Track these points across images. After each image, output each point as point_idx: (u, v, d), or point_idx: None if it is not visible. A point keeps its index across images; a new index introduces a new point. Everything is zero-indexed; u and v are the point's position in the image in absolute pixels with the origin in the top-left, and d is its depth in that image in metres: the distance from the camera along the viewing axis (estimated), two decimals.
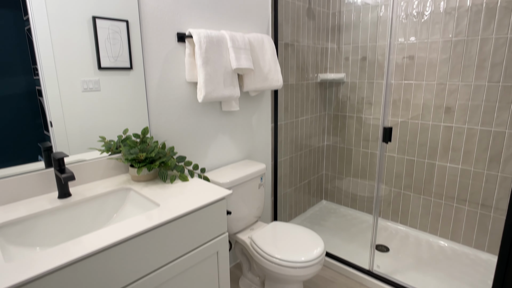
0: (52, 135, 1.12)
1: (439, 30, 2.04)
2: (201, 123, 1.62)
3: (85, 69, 1.17)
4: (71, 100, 1.15)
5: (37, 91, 1.07)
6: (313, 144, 2.67)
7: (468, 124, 2.03)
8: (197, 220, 1.01)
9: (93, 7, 1.15)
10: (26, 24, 1.02)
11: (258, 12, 1.85)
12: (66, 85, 1.12)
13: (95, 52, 1.19)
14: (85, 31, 1.15)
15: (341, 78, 2.56)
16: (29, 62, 1.04)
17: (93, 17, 1.16)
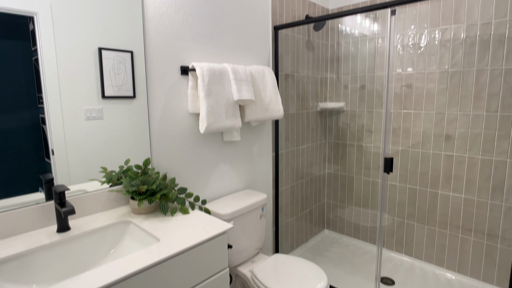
0: (53, 163, 1.12)
1: (435, 61, 2.10)
2: (202, 153, 1.63)
3: (89, 97, 1.19)
4: (74, 128, 1.16)
5: (41, 119, 1.09)
6: (314, 173, 2.66)
7: (469, 153, 2.03)
8: (197, 256, 0.99)
9: (100, 38, 1.20)
10: (34, 55, 1.05)
11: (259, 45, 1.92)
12: (70, 114, 1.14)
13: (100, 81, 1.22)
14: (91, 61, 1.18)
15: (341, 107, 2.60)
16: (34, 91, 1.06)
17: (99, 48, 1.21)
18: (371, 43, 2.40)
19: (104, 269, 0.81)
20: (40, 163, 1.10)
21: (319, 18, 1.75)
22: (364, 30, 2.43)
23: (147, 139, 1.38)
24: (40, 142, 1.09)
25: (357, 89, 2.53)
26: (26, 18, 1.02)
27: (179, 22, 1.44)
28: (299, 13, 2.24)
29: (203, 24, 1.55)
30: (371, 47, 2.41)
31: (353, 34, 2.50)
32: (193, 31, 1.51)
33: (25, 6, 1.01)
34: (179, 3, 1.43)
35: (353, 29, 2.49)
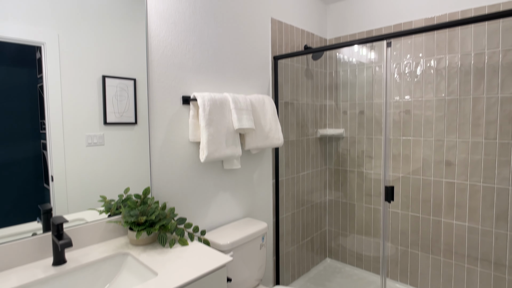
0: (52, 190, 1.12)
1: (432, 89, 2.14)
2: (202, 182, 1.62)
3: (91, 124, 1.20)
4: (75, 155, 1.16)
5: (42, 145, 1.10)
6: (315, 200, 2.63)
7: (470, 180, 2.02)
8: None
9: (104, 66, 1.23)
10: (39, 82, 1.08)
11: (259, 74, 1.96)
12: (71, 140, 1.15)
13: (102, 108, 1.24)
14: (94, 88, 1.21)
15: (340, 133, 2.62)
16: (37, 117, 1.08)
17: (103, 76, 1.24)
18: (369, 70, 2.46)
19: None
20: (39, 189, 1.09)
21: (317, 49, 1.81)
22: (361, 58, 2.50)
23: (147, 166, 1.38)
24: (41, 168, 1.09)
25: (356, 116, 2.56)
26: (34, 48, 1.06)
27: (181, 53, 1.49)
28: (298, 43, 2.31)
29: (205, 55, 1.60)
30: (368, 74, 2.47)
31: (350, 62, 2.56)
32: (195, 62, 1.56)
33: (35, 36, 1.06)
34: (182, 35, 1.48)
35: (350, 57, 2.56)
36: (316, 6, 2.51)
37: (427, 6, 2.13)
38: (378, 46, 2.41)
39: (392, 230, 2.40)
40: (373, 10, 2.40)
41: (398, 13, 2.27)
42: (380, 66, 2.40)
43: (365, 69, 2.48)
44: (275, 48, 2.10)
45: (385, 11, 2.34)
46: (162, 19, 1.40)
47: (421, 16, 2.16)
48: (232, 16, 1.75)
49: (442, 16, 2.07)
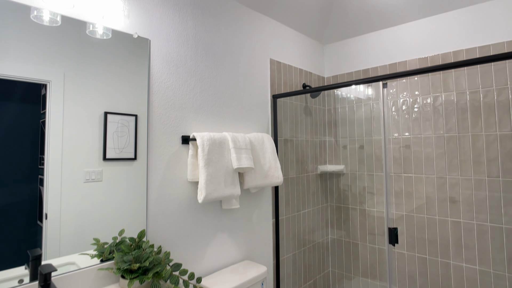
0: (44, 228, 1.08)
1: (430, 126, 2.15)
2: (200, 223, 1.57)
3: (90, 160, 1.19)
4: (72, 191, 1.14)
5: (39, 180, 1.07)
6: (317, 239, 2.54)
7: (476, 220, 1.96)
8: None
9: (106, 103, 1.24)
10: (42, 117, 1.09)
11: (259, 113, 1.98)
12: (69, 175, 1.13)
13: (102, 144, 1.23)
14: (96, 124, 1.21)
15: (341, 170, 2.59)
16: (37, 152, 1.07)
17: (105, 112, 1.24)
18: (366, 107, 2.49)
19: None
20: (32, 227, 1.06)
21: (315, 89, 1.84)
22: (359, 95, 2.54)
23: (144, 205, 1.35)
24: (36, 204, 1.07)
25: (356, 152, 2.55)
26: (40, 85, 1.08)
27: (182, 94, 1.51)
28: (296, 82, 2.37)
29: (205, 95, 1.62)
30: (366, 111, 2.50)
31: (348, 99, 2.61)
32: (196, 102, 1.58)
33: (42, 75, 1.09)
34: (183, 77, 1.52)
35: (348, 94, 2.61)
36: (313, 46, 2.60)
37: (420, 47, 2.21)
38: (374, 84, 2.47)
39: (398, 273, 2.29)
40: (368, 50, 2.49)
41: (392, 53, 2.35)
42: (378, 103, 2.44)
43: (362, 105, 2.52)
44: (274, 87, 2.14)
45: (379, 51, 2.42)
46: (164, 62, 1.44)
47: (415, 56, 2.23)
48: (232, 57, 1.80)
49: (435, 57, 2.14)
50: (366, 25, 2.44)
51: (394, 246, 1.84)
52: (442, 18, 2.13)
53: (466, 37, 2.02)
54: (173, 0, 1.49)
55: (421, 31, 2.21)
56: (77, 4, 1.18)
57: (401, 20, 2.29)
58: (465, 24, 2.03)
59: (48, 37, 1.10)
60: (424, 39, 2.20)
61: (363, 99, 2.52)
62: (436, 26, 2.15)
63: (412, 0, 2.13)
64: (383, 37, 2.41)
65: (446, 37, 2.10)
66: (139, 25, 1.35)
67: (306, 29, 2.45)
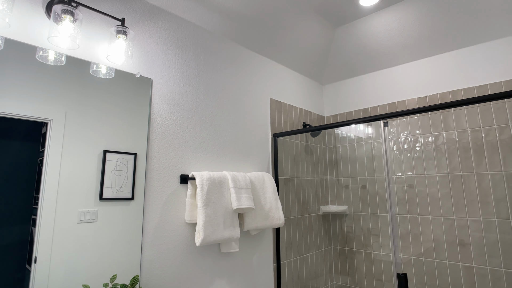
0: (32, 273, 1.00)
1: (434, 165, 2.12)
2: (197, 268, 1.48)
3: (86, 200, 1.14)
4: (64, 232, 1.08)
5: (32, 220, 1.01)
6: (321, 286, 2.39)
7: (489, 264, 1.85)
8: None
9: (106, 142, 1.22)
10: (40, 155, 1.05)
11: (259, 151, 1.96)
12: (63, 216, 1.08)
13: (100, 183, 1.19)
14: (94, 163, 1.18)
15: (344, 210, 2.51)
16: (32, 191, 1.03)
17: (104, 151, 1.21)
18: (367, 145, 2.48)
19: None
20: (19, 272, 0.98)
21: (315, 128, 1.84)
22: (359, 134, 2.54)
23: (138, 249, 1.27)
24: (26, 247, 1.00)
25: (359, 192, 2.49)
26: (41, 124, 1.07)
27: (183, 133, 1.50)
28: (296, 121, 2.38)
29: (205, 134, 1.61)
30: (367, 149, 2.48)
31: (349, 137, 2.60)
32: (196, 141, 1.56)
33: (44, 114, 1.08)
34: (184, 116, 1.52)
35: (348, 133, 2.61)
36: (312, 86, 2.66)
37: (418, 87, 2.25)
38: (375, 123, 2.48)
39: None
40: (367, 90, 2.54)
41: (391, 93, 2.39)
42: (378, 141, 2.43)
43: (363, 144, 2.51)
44: (275, 126, 2.14)
45: (378, 91, 2.46)
46: (165, 101, 1.44)
47: (414, 96, 2.26)
48: (233, 96, 1.82)
49: (434, 96, 2.17)
50: (364, 66, 2.51)
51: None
52: (439, 59, 2.19)
53: (464, 77, 2.06)
54: (176, 41, 1.53)
55: (419, 72, 2.27)
56: (82, 45, 1.20)
57: (399, 61, 2.36)
58: (463, 65, 2.08)
59: (52, 76, 1.11)
60: (422, 79, 2.25)
61: (364, 138, 2.51)
62: (434, 66, 2.21)
63: (409, 42, 2.21)
64: (381, 77, 2.46)
65: (444, 77, 2.15)
66: (142, 65, 1.38)
67: (305, 70, 2.52)
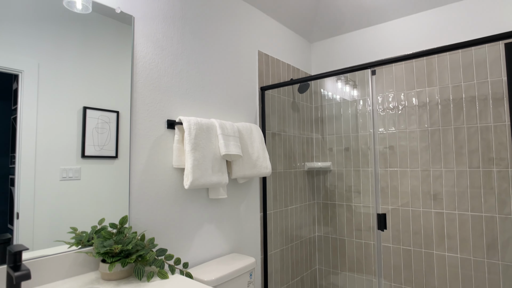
0: (16, 229, 0.98)
1: (415, 121, 2.19)
2: (186, 212, 1.51)
3: (67, 157, 1.11)
4: (46, 190, 1.05)
5: (10, 180, 0.99)
6: (305, 235, 2.52)
7: (458, 210, 2.00)
8: None
9: (85, 98, 1.17)
10: (13, 114, 1.00)
11: (246, 104, 1.96)
12: (43, 173, 1.05)
13: (81, 141, 1.15)
14: (74, 120, 1.13)
15: (328, 167, 2.59)
16: (8, 150, 0.98)
17: (84, 107, 1.17)
18: (353, 106, 2.52)
19: None
20: (2, 231, 0.96)
21: (303, 79, 1.84)
22: (345, 96, 2.57)
23: (126, 197, 1.27)
24: (6, 207, 0.97)
25: (343, 149, 2.56)
26: (10, 77, 0.99)
27: (168, 77, 1.47)
28: (284, 77, 2.37)
29: (192, 81, 1.58)
30: (352, 109, 2.52)
31: (335, 100, 2.63)
32: (182, 86, 1.53)
33: (12, 64, 1.00)
34: (169, 59, 1.47)
35: (335, 94, 2.63)
36: (301, 43, 2.62)
37: (405, 44, 2.26)
38: (361, 82, 2.50)
39: (384, 266, 2.29)
40: (354, 48, 2.53)
41: (378, 52, 2.40)
42: (364, 100, 2.47)
43: (349, 104, 2.54)
44: (262, 79, 2.13)
45: (366, 49, 2.46)
46: (149, 42, 1.39)
47: (401, 53, 2.28)
48: (220, 44, 1.77)
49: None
50: (352, 23, 2.48)
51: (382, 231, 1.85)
52: (426, 15, 2.19)
53: (450, 33, 2.08)
54: None
55: (407, 29, 2.27)
56: None
57: (387, 17, 2.34)
58: (449, 21, 2.09)
59: (17, 17, 1.01)
60: (409, 36, 2.25)
61: (349, 100, 2.54)
62: (421, 23, 2.21)
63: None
64: (369, 35, 2.45)
65: (431, 33, 2.16)
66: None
67: (294, 25, 2.47)
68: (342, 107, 2.58)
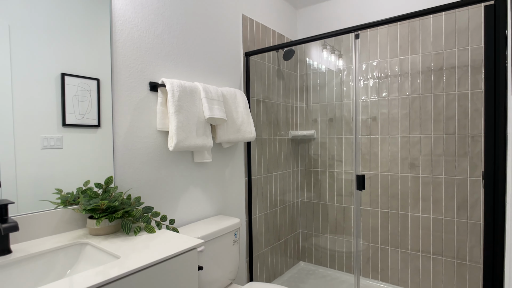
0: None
1: (397, 88, 2.24)
2: (171, 175, 1.54)
3: (48, 125, 1.09)
4: (27, 158, 1.04)
5: None
6: (288, 200, 2.61)
7: (433, 173, 2.11)
8: (163, 274, 0.87)
9: (63, 64, 1.13)
10: None
11: (231, 69, 1.94)
12: (23, 142, 1.03)
13: (61, 109, 1.13)
14: (52, 87, 1.10)
15: (311, 135, 2.64)
16: None
17: (62, 74, 1.14)
18: (337, 76, 2.54)
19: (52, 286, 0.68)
20: None
21: (288, 44, 1.83)
22: (330, 65, 2.57)
23: (110, 161, 1.28)
24: None
25: (326, 117, 2.61)
26: None
27: (149, 37, 1.43)
28: (269, 43, 2.34)
29: (174, 43, 1.55)
30: (337, 79, 2.54)
31: (320, 69, 2.63)
32: (164, 48, 1.50)
33: None
34: (150, 19, 1.43)
35: (320, 64, 2.63)
36: (286, 9, 2.57)
37: (391, 10, 2.26)
38: (346, 51, 2.50)
39: (363, 228, 2.43)
40: (341, 14, 2.50)
41: (364, 17, 2.38)
42: (349, 68, 2.48)
43: (334, 74, 2.55)
44: (247, 45, 2.10)
45: (352, 15, 2.44)
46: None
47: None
48: (203, 5, 1.72)
49: None
50: None
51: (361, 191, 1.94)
52: None
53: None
54: None
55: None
56: None
57: None
58: None
59: None
60: (396, 2, 2.24)
61: (334, 70, 2.55)
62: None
63: None
64: (355, 1, 2.42)
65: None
66: None
67: None
68: (327, 76, 2.59)
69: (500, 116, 1.24)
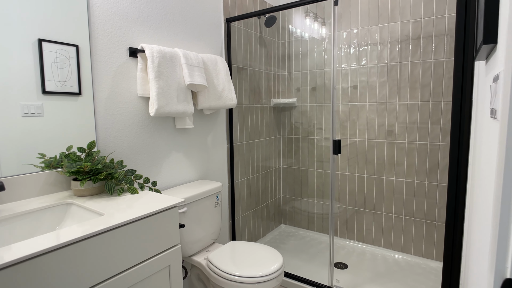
0: None
1: (376, 56, 2.28)
2: (154, 140, 1.57)
3: (27, 93, 1.09)
4: (8, 126, 1.04)
5: None
6: (270, 166, 2.70)
7: (408, 139, 2.22)
8: (146, 229, 0.94)
9: (40, 29, 1.11)
10: None
11: (211, 35, 1.92)
12: (2, 110, 1.03)
13: (39, 76, 1.12)
14: (29, 53, 1.08)
15: (293, 103, 2.69)
16: None
17: (39, 39, 1.12)
18: (320, 44, 2.54)
19: (40, 238, 0.74)
20: None
21: (269, 10, 1.81)
22: (313, 33, 2.56)
23: (92, 128, 1.29)
24: None
25: (308, 85, 2.64)
26: None
27: (126, 1, 1.40)
28: (250, 9, 2.30)
29: (152, 7, 1.52)
30: (319, 47, 2.54)
31: (303, 37, 2.62)
32: (142, 13, 1.47)
33: None
34: None
35: (303, 32, 2.61)
36: None
37: None
38: (328, 19, 2.49)
39: (340, 192, 2.56)
40: None
41: None
42: (331, 36, 2.49)
43: (316, 42, 2.55)
44: (228, 11, 2.06)
45: None
46: None
47: None
48: None
49: None
50: None
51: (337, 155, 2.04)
52: None
53: None
54: None
55: None
56: None
57: None
58: None
59: None
60: None
61: (317, 38, 2.54)
62: None
63: None
64: None
65: None
66: None
67: None
68: (309, 44, 2.59)
69: (467, 82, 1.32)
